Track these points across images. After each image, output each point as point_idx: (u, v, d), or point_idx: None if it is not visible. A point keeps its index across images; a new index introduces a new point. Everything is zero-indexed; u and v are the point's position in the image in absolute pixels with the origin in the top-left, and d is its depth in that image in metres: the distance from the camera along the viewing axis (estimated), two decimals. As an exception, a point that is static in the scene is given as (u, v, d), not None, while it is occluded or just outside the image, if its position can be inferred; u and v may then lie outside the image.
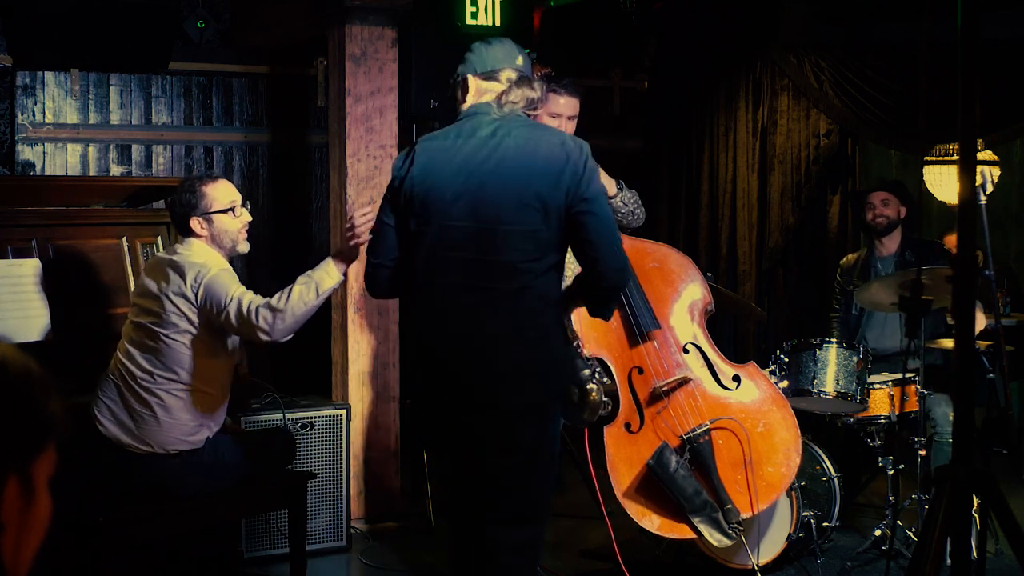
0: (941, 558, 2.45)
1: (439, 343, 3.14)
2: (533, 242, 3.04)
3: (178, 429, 3.71)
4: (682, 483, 4.06)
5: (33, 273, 4.22)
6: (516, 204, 3.03)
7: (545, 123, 4.27)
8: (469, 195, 3.05)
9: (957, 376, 2.51)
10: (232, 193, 3.84)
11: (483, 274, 3.06)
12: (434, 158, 3.13)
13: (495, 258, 3.04)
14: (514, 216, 3.03)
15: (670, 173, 7.59)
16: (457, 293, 3.08)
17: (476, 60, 3.26)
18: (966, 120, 2.46)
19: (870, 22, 6.70)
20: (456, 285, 3.08)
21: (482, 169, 3.06)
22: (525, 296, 3.06)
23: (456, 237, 3.06)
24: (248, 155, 6.57)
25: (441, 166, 3.10)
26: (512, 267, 3.04)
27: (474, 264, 3.06)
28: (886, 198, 5.40)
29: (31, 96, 6.04)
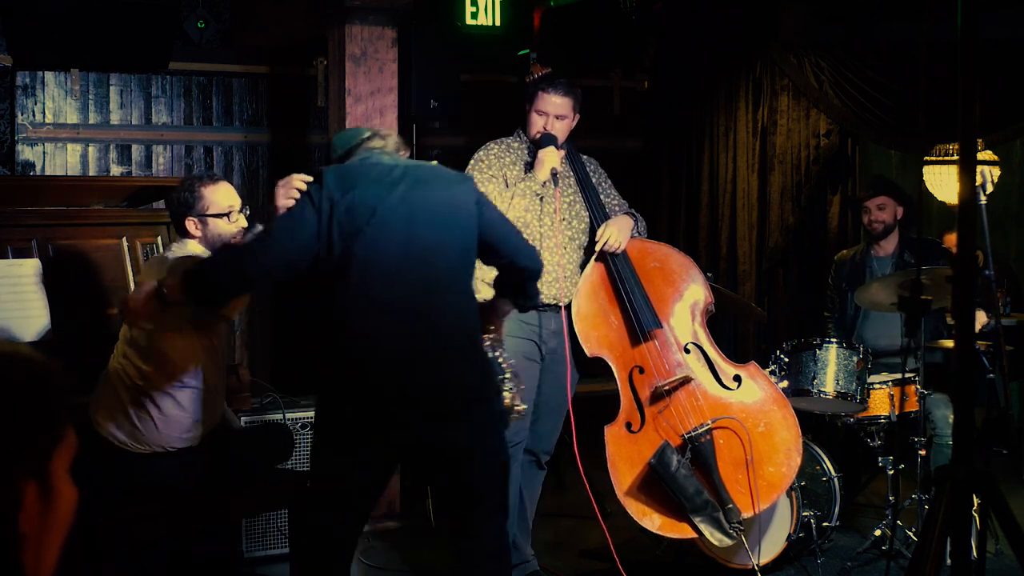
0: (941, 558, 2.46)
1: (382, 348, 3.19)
2: (462, 253, 3.30)
3: (174, 427, 3.71)
4: (683, 482, 4.06)
5: (33, 273, 4.22)
6: (447, 222, 3.27)
7: (532, 120, 4.29)
8: (404, 214, 3.21)
9: (957, 376, 2.51)
10: (231, 198, 3.83)
11: (424, 285, 3.21)
12: (358, 180, 3.24)
13: (433, 271, 3.22)
14: (447, 233, 3.26)
15: (670, 173, 7.59)
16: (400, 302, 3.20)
17: None
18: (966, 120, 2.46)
19: (870, 22, 6.69)
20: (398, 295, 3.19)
21: (410, 191, 3.25)
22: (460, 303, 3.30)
23: (394, 252, 3.18)
24: (248, 155, 6.57)
25: (368, 186, 3.22)
26: (448, 278, 3.26)
27: (414, 276, 3.20)
28: (882, 203, 5.40)
29: (31, 96, 6.04)
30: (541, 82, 4.31)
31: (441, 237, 3.25)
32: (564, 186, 4.30)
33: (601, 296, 4.31)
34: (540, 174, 4.19)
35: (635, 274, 4.30)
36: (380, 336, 3.19)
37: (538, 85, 4.31)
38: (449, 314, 3.24)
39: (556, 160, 4.21)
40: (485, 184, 4.22)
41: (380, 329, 3.19)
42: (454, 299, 3.27)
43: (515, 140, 4.39)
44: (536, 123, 4.28)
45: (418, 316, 3.19)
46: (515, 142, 4.38)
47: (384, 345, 3.19)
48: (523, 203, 4.18)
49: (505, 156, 4.32)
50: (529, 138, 4.33)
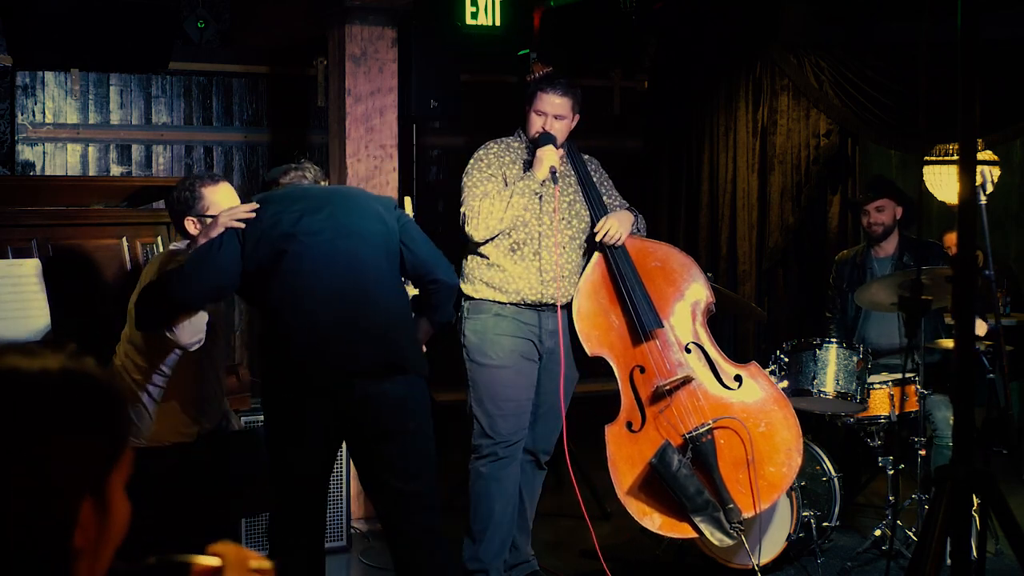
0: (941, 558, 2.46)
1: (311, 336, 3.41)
2: (386, 258, 3.54)
3: (170, 423, 3.73)
4: (684, 482, 4.06)
5: (33, 273, 4.22)
6: (370, 232, 3.53)
7: (531, 120, 4.29)
8: (329, 228, 3.47)
9: (957, 376, 2.51)
10: (231, 199, 3.83)
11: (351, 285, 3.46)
12: (285, 203, 3.52)
13: (359, 274, 3.46)
14: (370, 241, 3.52)
15: (670, 173, 7.59)
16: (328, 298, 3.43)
17: None
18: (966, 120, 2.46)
19: (870, 22, 6.70)
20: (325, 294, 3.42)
21: (333, 208, 3.53)
22: None
23: (321, 261, 3.43)
24: (248, 155, 6.57)
25: (294, 206, 3.50)
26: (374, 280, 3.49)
27: (340, 281, 3.44)
28: (881, 205, 5.39)
29: (31, 96, 6.04)
30: (540, 82, 4.31)
31: (365, 245, 3.49)
32: (564, 185, 4.30)
33: (602, 295, 4.31)
34: (539, 172, 4.19)
35: (636, 273, 4.30)
36: (313, 325, 3.41)
37: (537, 85, 4.31)
38: (381, 300, 3.47)
39: (555, 159, 4.21)
40: (484, 183, 4.22)
41: (312, 319, 3.41)
42: (384, 289, 3.50)
43: (515, 140, 4.38)
44: (535, 123, 4.28)
45: (349, 303, 3.42)
46: (515, 142, 4.38)
47: (317, 332, 3.40)
48: (522, 202, 4.18)
49: (504, 155, 4.32)
50: (529, 138, 4.33)
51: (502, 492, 4.26)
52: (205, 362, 3.78)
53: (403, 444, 3.46)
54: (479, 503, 4.27)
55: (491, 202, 4.17)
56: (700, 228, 7.43)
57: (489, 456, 4.25)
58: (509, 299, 4.23)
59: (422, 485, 3.49)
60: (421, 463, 3.50)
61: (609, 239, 4.27)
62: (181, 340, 3.54)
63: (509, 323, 4.23)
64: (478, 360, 4.24)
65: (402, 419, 3.45)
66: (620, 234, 4.28)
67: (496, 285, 4.21)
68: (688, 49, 7.43)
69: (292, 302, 3.42)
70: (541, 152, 4.22)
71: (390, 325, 3.48)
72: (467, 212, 4.20)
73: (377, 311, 3.46)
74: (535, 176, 4.20)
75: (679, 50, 7.49)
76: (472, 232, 4.18)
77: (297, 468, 3.48)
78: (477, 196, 4.19)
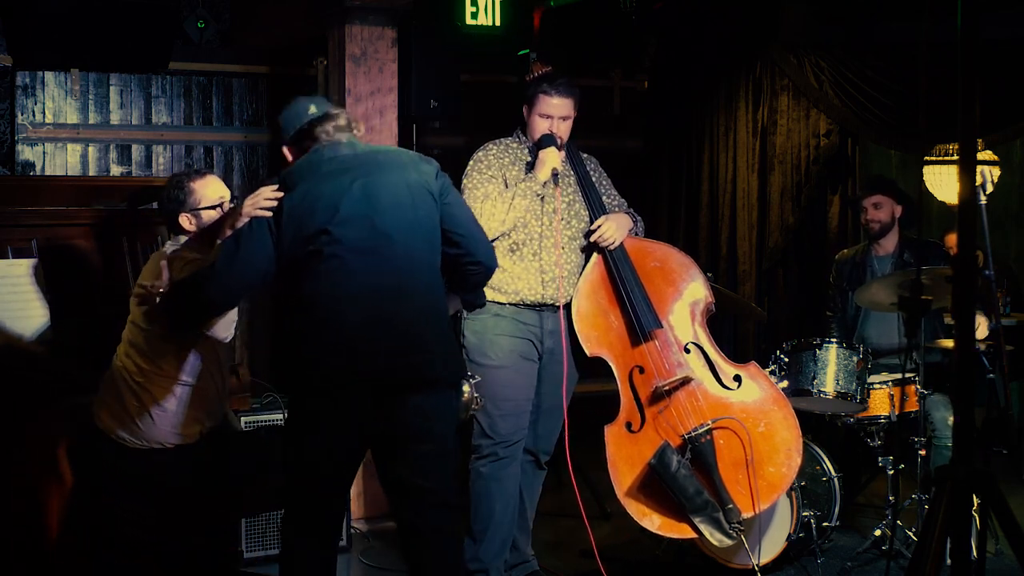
0: (941, 558, 2.46)
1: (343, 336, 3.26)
2: (426, 236, 3.35)
3: (170, 423, 3.72)
4: (683, 482, 4.06)
5: (32, 273, 4.22)
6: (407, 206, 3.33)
7: (535, 123, 4.27)
8: (364, 205, 3.27)
9: (957, 376, 2.51)
10: (221, 189, 3.85)
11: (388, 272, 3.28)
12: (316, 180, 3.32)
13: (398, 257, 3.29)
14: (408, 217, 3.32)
15: (670, 173, 7.59)
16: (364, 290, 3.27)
17: None
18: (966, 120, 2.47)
19: (870, 22, 6.69)
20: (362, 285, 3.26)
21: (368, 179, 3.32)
22: None
23: (358, 245, 3.25)
24: (248, 155, 6.57)
25: (326, 183, 3.29)
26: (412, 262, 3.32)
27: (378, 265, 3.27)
28: (878, 201, 5.39)
29: (31, 96, 6.04)
30: (541, 83, 4.28)
31: (403, 222, 3.30)
32: (564, 185, 4.30)
33: (601, 296, 4.31)
34: (541, 174, 4.19)
35: (635, 273, 4.29)
36: (341, 325, 3.26)
37: (538, 87, 4.26)
38: (415, 297, 3.30)
39: (557, 160, 4.20)
40: (485, 184, 4.22)
41: (342, 318, 3.26)
42: (419, 283, 3.33)
43: (514, 141, 4.38)
44: (540, 126, 4.25)
45: (381, 302, 3.26)
46: (514, 143, 4.37)
47: (345, 333, 3.25)
48: (524, 203, 4.18)
49: (504, 156, 4.31)
50: (531, 141, 4.32)
51: (502, 492, 4.26)
52: (208, 363, 3.78)
53: (426, 445, 3.36)
54: (479, 503, 4.27)
55: (492, 204, 4.16)
56: (700, 228, 7.43)
57: (489, 456, 4.25)
58: (508, 299, 4.22)
59: (438, 482, 3.39)
60: (440, 461, 3.40)
61: (603, 242, 4.26)
62: (218, 335, 3.57)
63: (508, 323, 4.23)
64: (478, 360, 4.24)
65: (429, 427, 3.34)
66: (615, 238, 4.27)
67: (495, 286, 4.21)
68: (688, 49, 7.43)
69: (322, 301, 3.27)
70: (544, 154, 4.21)
71: (424, 331, 3.32)
72: None
73: (412, 315, 3.29)
74: (537, 177, 4.19)
75: (679, 50, 7.48)
76: None
77: (314, 470, 3.36)
78: (478, 198, 4.18)
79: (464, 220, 3.48)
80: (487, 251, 3.56)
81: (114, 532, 3.69)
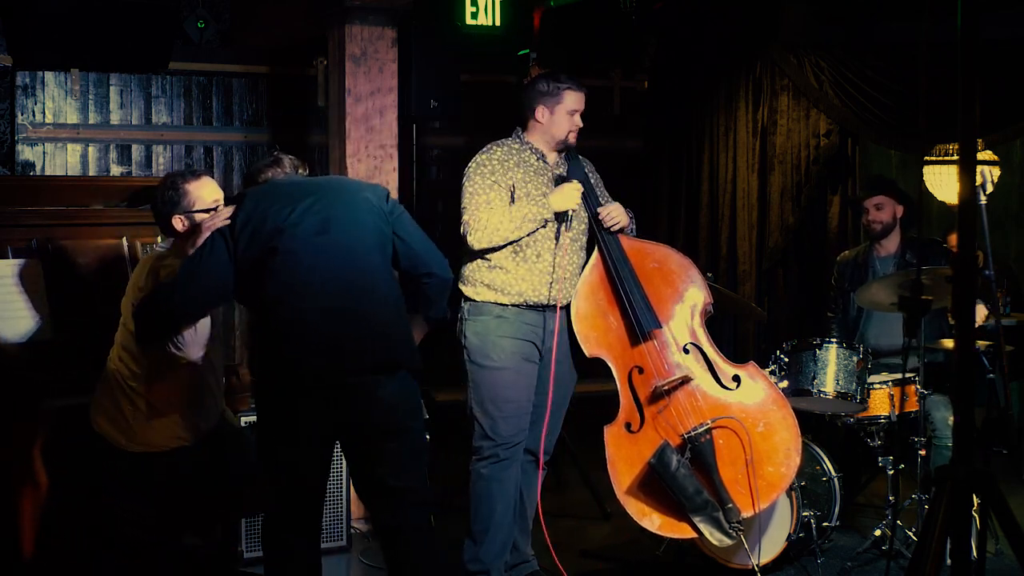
0: (941, 558, 2.46)
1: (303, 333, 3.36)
2: (378, 249, 3.49)
3: (167, 427, 3.72)
4: (683, 482, 4.06)
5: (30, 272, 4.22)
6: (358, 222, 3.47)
7: (560, 120, 4.27)
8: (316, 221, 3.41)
9: (957, 376, 2.51)
10: (215, 192, 3.84)
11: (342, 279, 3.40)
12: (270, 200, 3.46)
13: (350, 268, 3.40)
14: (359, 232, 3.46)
15: (670, 173, 7.59)
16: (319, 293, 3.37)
17: None
18: (966, 120, 2.47)
19: (870, 22, 6.69)
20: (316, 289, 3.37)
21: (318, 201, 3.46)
22: None
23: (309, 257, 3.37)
24: (248, 155, 6.57)
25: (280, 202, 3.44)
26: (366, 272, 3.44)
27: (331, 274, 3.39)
28: (879, 202, 5.39)
29: (31, 96, 6.04)
30: (559, 80, 4.29)
31: (356, 237, 3.44)
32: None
33: (600, 296, 4.31)
34: (556, 205, 4.16)
35: (634, 274, 4.29)
36: (302, 319, 3.35)
37: (561, 84, 4.27)
38: (372, 289, 3.41)
39: (577, 198, 4.19)
40: (487, 191, 4.18)
41: (301, 313, 3.35)
42: (375, 278, 3.44)
43: (514, 142, 4.35)
44: (567, 123, 4.27)
45: (338, 293, 3.36)
46: (515, 144, 4.34)
47: (307, 326, 3.35)
48: (531, 227, 4.16)
49: (508, 160, 4.27)
50: (558, 140, 4.30)
51: (503, 493, 4.26)
52: (203, 365, 3.78)
53: (398, 441, 3.42)
54: (480, 504, 4.27)
55: (499, 220, 4.12)
56: (700, 228, 7.43)
57: (490, 458, 4.25)
58: (511, 300, 4.22)
59: (414, 481, 3.45)
60: (414, 459, 3.47)
61: (610, 222, 4.27)
62: (191, 356, 3.52)
63: (511, 325, 4.22)
64: (479, 362, 4.23)
65: (397, 417, 3.42)
66: (622, 221, 4.29)
67: (498, 287, 4.20)
68: (688, 49, 7.43)
69: (284, 298, 3.36)
70: (569, 188, 4.18)
71: (384, 320, 3.43)
72: (470, 222, 4.15)
73: (370, 305, 3.40)
74: (550, 206, 4.16)
75: (679, 50, 7.48)
76: (473, 243, 4.16)
77: (292, 468, 3.42)
78: (481, 206, 4.16)
79: (414, 233, 3.60)
80: (440, 262, 3.64)
81: (113, 533, 3.68)
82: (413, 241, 3.59)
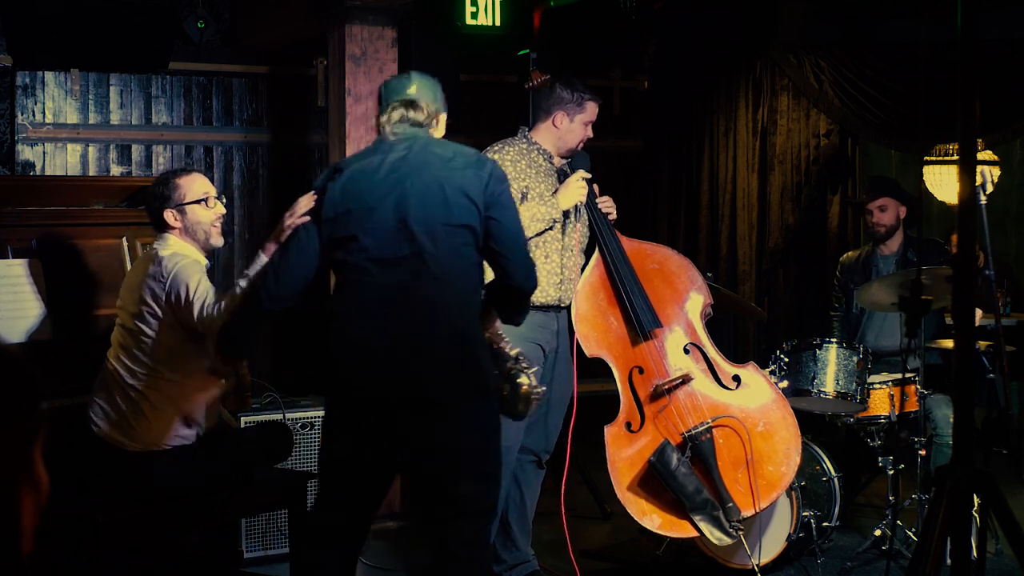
0: (941, 558, 2.46)
1: (372, 342, 3.18)
2: (459, 241, 3.18)
3: (166, 425, 3.72)
4: (683, 480, 4.06)
5: (29, 272, 4.22)
6: (440, 209, 3.17)
7: (578, 131, 4.26)
8: (393, 204, 3.17)
9: (957, 376, 2.51)
10: (206, 185, 3.87)
11: (413, 281, 3.16)
12: (356, 174, 3.25)
13: (424, 263, 3.15)
14: (438, 220, 3.16)
15: (670, 173, 7.59)
16: (386, 301, 3.17)
17: None
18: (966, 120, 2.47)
19: (870, 22, 6.70)
20: (385, 294, 3.17)
21: (405, 178, 3.20)
22: None
23: (384, 241, 3.16)
24: (248, 155, 6.57)
25: (372, 175, 3.22)
26: (440, 269, 3.16)
27: (403, 272, 3.16)
28: (883, 204, 5.38)
29: (31, 96, 6.04)
30: (585, 91, 4.27)
31: (436, 230, 3.16)
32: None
33: (601, 297, 4.31)
34: (564, 201, 4.16)
35: (634, 275, 4.30)
36: (360, 340, 3.18)
37: (584, 94, 4.25)
38: (439, 308, 3.16)
39: (584, 189, 4.19)
40: None
41: (361, 333, 3.18)
42: (445, 296, 3.17)
43: (522, 141, 4.33)
44: (582, 133, 4.27)
45: (404, 313, 3.15)
46: (523, 143, 4.32)
47: (363, 347, 3.18)
48: (540, 227, 4.16)
49: (520, 161, 4.24)
50: (569, 148, 4.30)
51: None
52: (201, 363, 3.78)
53: (454, 461, 3.23)
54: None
55: None
56: (700, 228, 7.43)
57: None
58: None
59: (472, 490, 3.25)
60: (476, 467, 3.26)
61: (609, 206, 4.33)
62: None
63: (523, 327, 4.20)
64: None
65: (453, 444, 3.21)
66: (613, 209, 4.36)
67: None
68: (688, 49, 7.43)
69: (346, 312, 3.22)
70: (574, 183, 4.18)
71: (443, 349, 3.16)
72: None
73: (431, 328, 3.15)
74: (559, 204, 4.16)
75: (679, 50, 7.48)
76: None
77: (336, 469, 3.28)
78: None
79: (504, 238, 3.23)
80: (523, 272, 3.28)
81: (113, 533, 3.68)
82: (500, 244, 3.23)
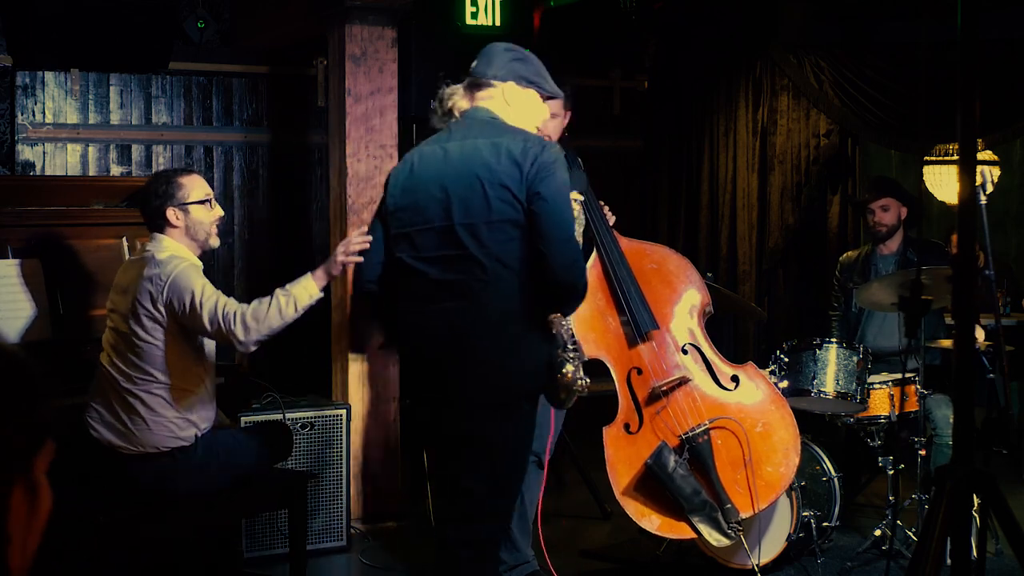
0: (941, 558, 2.46)
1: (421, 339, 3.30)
2: (504, 234, 3.16)
3: (164, 427, 3.71)
4: (680, 482, 4.06)
5: (30, 272, 4.22)
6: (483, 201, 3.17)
7: None
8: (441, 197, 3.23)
9: (957, 376, 2.51)
10: (206, 187, 3.86)
11: (459, 269, 3.19)
12: (416, 168, 3.32)
13: (469, 253, 3.17)
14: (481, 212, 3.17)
15: (670, 173, 7.59)
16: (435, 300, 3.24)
17: None
18: (966, 120, 2.46)
19: (870, 22, 6.70)
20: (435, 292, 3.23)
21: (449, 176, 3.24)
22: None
23: (433, 242, 3.23)
24: (248, 155, 6.57)
25: (424, 171, 3.29)
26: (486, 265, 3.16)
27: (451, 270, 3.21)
28: (885, 204, 5.38)
29: (31, 96, 6.04)
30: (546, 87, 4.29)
31: (475, 224, 3.16)
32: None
33: (598, 298, 4.31)
34: None
35: (632, 275, 4.30)
36: (414, 336, 3.32)
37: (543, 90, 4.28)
38: (484, 308, 3.16)
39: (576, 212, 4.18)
40: None
41: (414, 329, 3.31)
42: (490, 291, 3.16)
43: None
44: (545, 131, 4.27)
45: (450, 312, 3.20)
46: None
47: (415, 343, 3.32)
48: None
49: None
50: None
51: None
52: (197, 365, 3.77)
53: (487, 455, 3.29)
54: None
55: None
56: (700, 228, 7.43)
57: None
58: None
59: (485, 491, 3.29)
60: (494, 469, 3.30)
61: (611, 217, 4.37)
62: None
63: None
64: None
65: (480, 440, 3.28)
66: None
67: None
68: (688, 49, 7.43)
69: (403, 313, 3.31)
70: None
71: (486, 353, 3.19)
72: None
73: (480, 329, 3.17)
74: None
75: (679, 50, 7.49)
76: None
77: (440, 473, 3.47)
78: None
79: (543, 230, 3.13)
80: (561, 265, 3.16)
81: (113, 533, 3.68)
82: (544, 243, 3.15)
